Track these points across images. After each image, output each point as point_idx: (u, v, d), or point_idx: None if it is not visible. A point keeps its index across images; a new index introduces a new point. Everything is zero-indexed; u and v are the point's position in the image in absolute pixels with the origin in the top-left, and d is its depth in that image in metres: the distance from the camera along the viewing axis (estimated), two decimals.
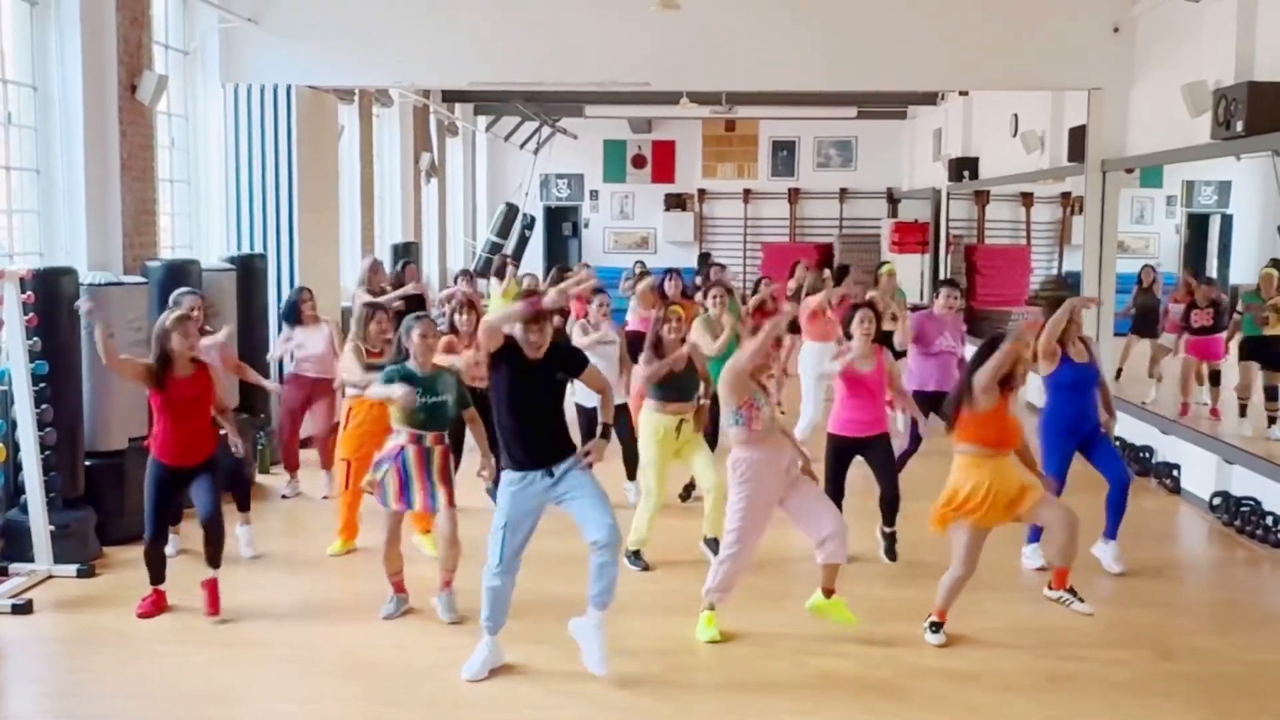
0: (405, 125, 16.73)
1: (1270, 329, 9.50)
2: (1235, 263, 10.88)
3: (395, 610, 6.39)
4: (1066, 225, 16.06)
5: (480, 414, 6.51)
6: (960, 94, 17.30)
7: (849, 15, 10.62)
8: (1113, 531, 7.24)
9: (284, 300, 9.46)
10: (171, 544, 7.05)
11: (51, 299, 7.25)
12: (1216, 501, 8.55)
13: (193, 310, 7.35)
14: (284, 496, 9.04)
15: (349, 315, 9.14)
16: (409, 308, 9.98)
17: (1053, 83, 11.76)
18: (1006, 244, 17.74)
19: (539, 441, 5.46)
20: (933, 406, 8.50)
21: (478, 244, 20.53)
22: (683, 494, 8.67)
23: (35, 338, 7.11)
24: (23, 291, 7.01)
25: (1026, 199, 17.17)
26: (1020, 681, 5.59)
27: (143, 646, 5.98)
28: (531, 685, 5.52)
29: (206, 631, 6.16)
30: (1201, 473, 8.91)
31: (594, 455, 5.51)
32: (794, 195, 23.05)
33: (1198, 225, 11.96)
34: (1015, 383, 5.98)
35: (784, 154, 23.22)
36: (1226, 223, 11.46)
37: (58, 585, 6.86)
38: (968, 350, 8.04)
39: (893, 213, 22.12)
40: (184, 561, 7.17)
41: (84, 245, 8.33)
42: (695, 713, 5.30)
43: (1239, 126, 8.09)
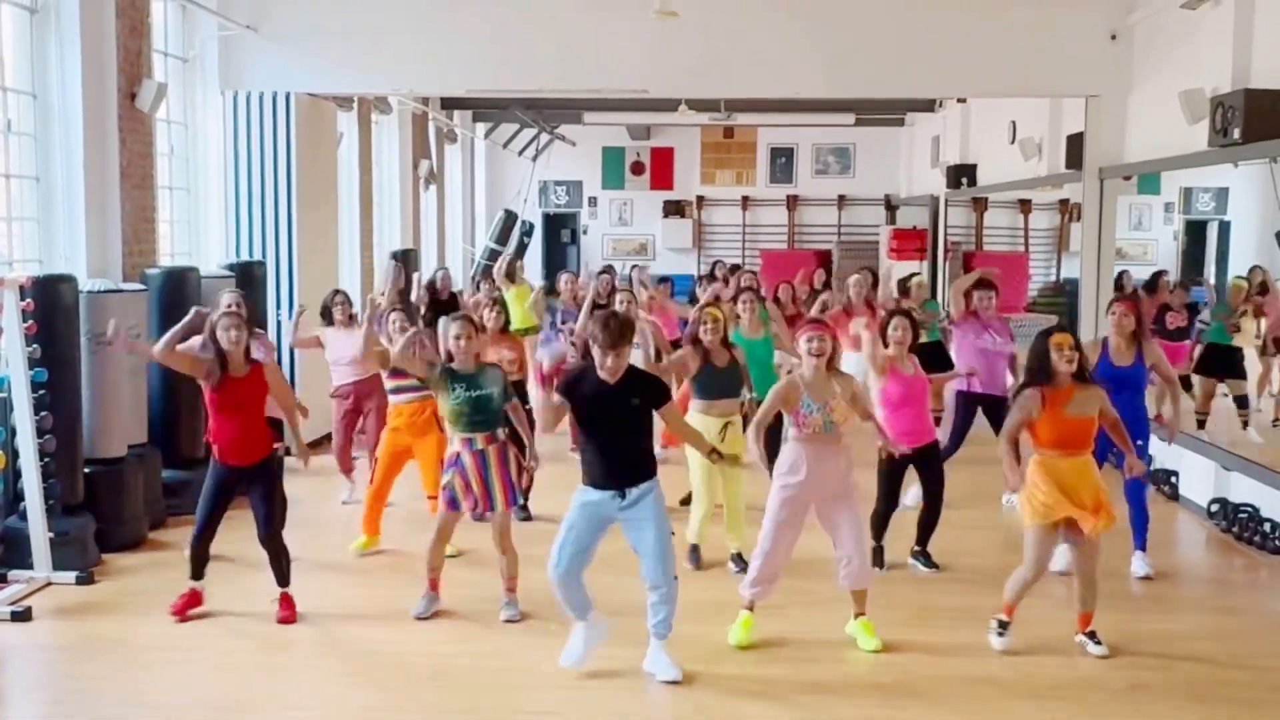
0: (404, 132, 16.74)
1: (1236, 338, 9.49)
2: (1233, 269, 10.86)
3: (426, 609, 6.40)
4: (1064, 232, 16.10)
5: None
6: (958, 101, 17.32)
7: (847, 22, 10.63)
8: (1141, 543, 7.27)
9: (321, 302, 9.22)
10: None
11: (51, 306, 7.28)
12: (1214, 508, 8.56)
13: (230, 306, 7.30)
14: (345, 503, 8.86)
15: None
16: (442, 310, 9.77)
17: (1050, 90, 11.79)
18: (1005, 250, 17.76)
19: (610, 463, 5.41)
20: (979, 407, 8.53)
21: (476, 251, 20.56)
22: (684, 499, 8.21)
23: (34, 345, 7.12)
24: (22, 299, 7.02)
25: (1024, 206, 17.21)
26: (1018, 687, 5.59)
27: (142, 654, 5.99)
28: (535, 689, 5.53)
29: (206, 639, 6.16)
30: (1199, 479, 8.92)
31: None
32: (792, 202, 23.08)
33: (1195, 232, 11.96)
34: (1059, 381, 5.78)
35: (782, 161, 23.25)
36: (1224, 229, 11.46)
37: (57, 592, 6.87)
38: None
39: (891, 219, 22.14)
40: (183, 567, 7.17)
41: (83, 252, 8.33)
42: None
43: (1236, 133, 8.11)
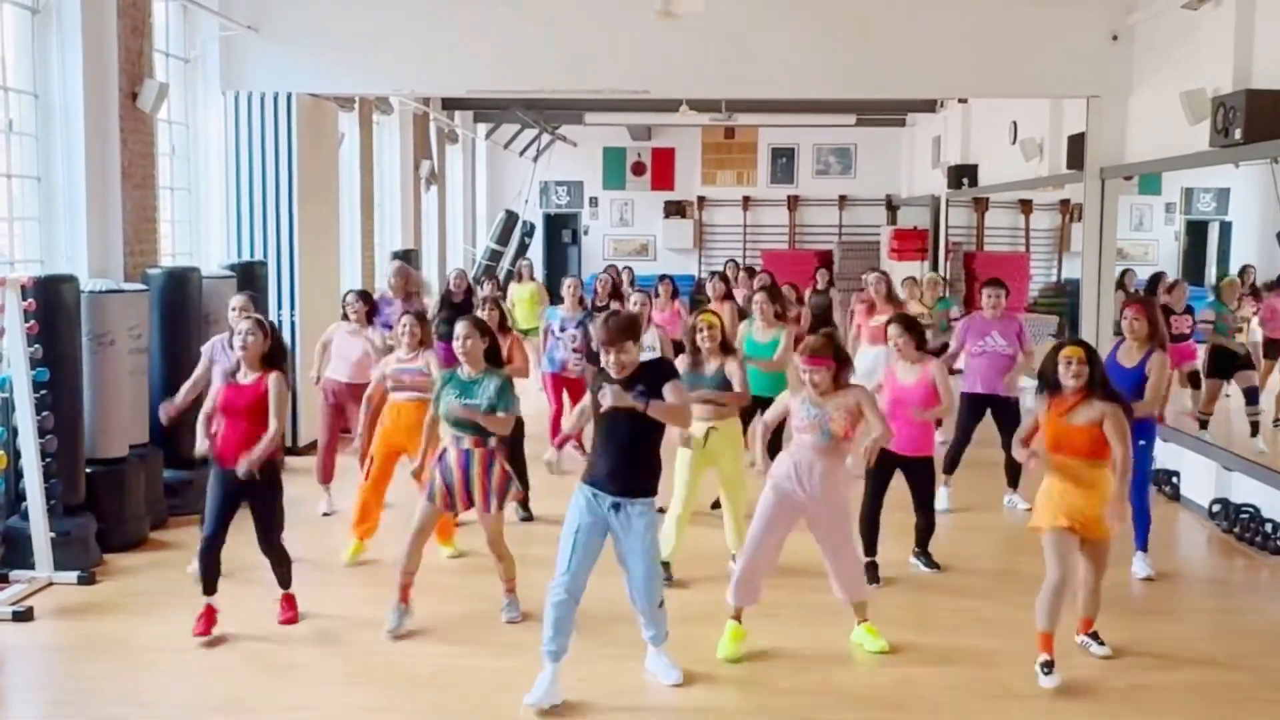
0: (405, 133, 16.76)
1: (1240, 338, 9.47)
2: (1234, 269, 10.86)
3: (398, 623, 6.20)
4: (1065, 232, 16.09)
5: None
6: (959, 101, 17.33)
7: (848, 23, 10.63)
8: (1143, 543, 7.28)
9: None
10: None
11: (52, 306, 7.28)
12: (1216, 508, 8.56)
13: (236, 309, 7.33)
14: (325, 514, 8.59)
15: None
16: (459, 311, 9.64)
17: (1052, 90, 11.78)
18: (1006, 251, 17.76)
19: (613, 466, 5.33)
20: (982, 408, 8.52)
21: (478, 251, 20.58)
22: (715, 504, 8.00)
23: (36, 345, 7.12)
24: (24, 299, 7.03)
25: (1025, 206, 17.21)
26: (1020, 689, 5.59)
27: (143, 654, 5.99)
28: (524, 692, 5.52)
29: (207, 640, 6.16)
30: (1200, 480, 8.92)
31: (607, 395, 5.19)
32: (793, 202, 23.09)
33: (1197, 232, 11.97)
34: (1064, 393, 5.67)
35: (783, 161, 23.27)
36: (1225, 230, 11.46)
37: (58, 592, 6.87)
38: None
39: (892, 220, 22.16)
40: (185, 567, 7.18)
41: (85, 252, 8.33)
42: None
43: (1237, 134, 8.11)
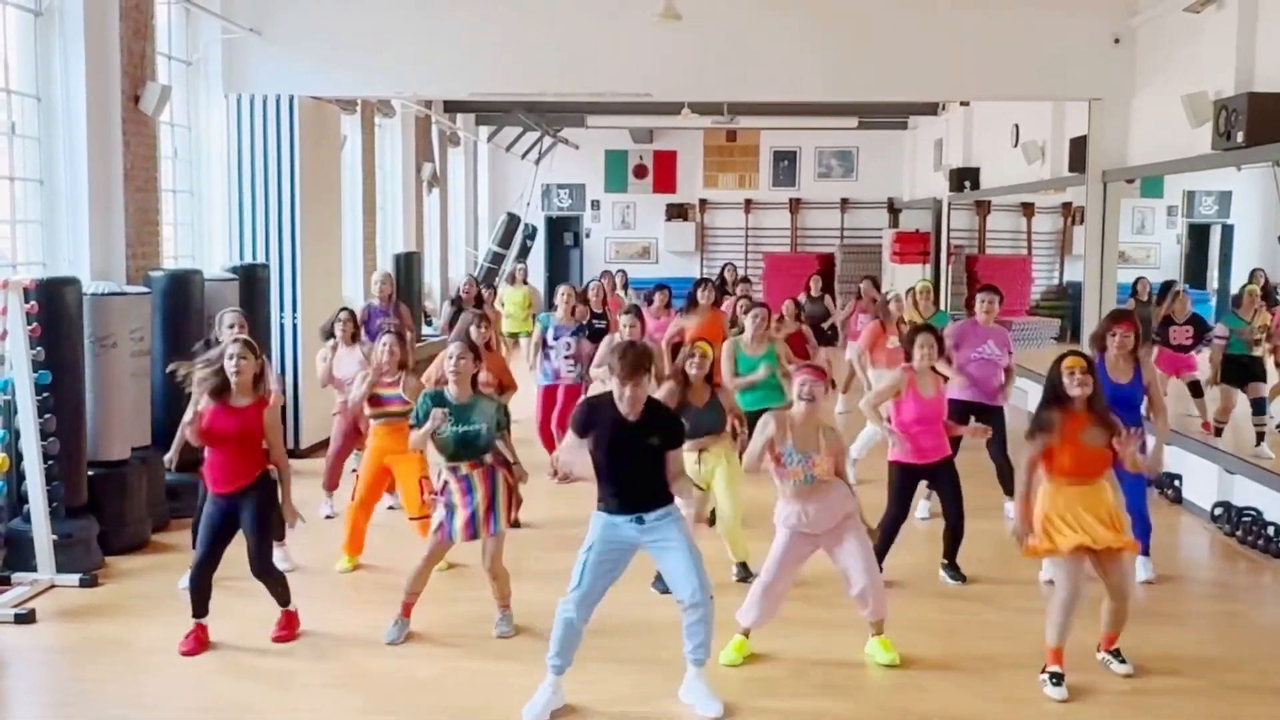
0: (407, 135, 16.77)
1: (1256, 349, 9.43)
2: (1236, 273, 10.86)
3: (398, 636, 6.19)
4: (1067, 235, 16.06)
5: None
6: (961, 104, 17.34)
7: (850, 26, 10.64)
8: (1144, 548, 7.20)
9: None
10: (282, 558, 6.89)
11: (55, 309, 7.29)
12: (1218, 512, 8.55)
13: (233, 327, 7.24)
14: (328, 517, 8.64)
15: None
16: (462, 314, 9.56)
17: (1053, 93, 11.79)
18: (1007, 254, 17.76)
19: (627, 494, 5.25)
20: (970, 415, 8.48)
21: (479, 254, 20.59)
22: (711, 519, 7.96)
23: (38, 348, 7.13)
24: (26, 301, 7.04)
25: (1027, 209, 17.19)
26: (1023, 693, 5.58)
27: (145, 657, 5.99)
28: (533, 695, 5.52)
29: (210, 642, 6.16)
30: (1203, 483, 8.91)
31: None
32: (795, 205, 23.09)
33: (1198, 235, 11.96)
34: (1075, 406, 5.58)
35: (785, 164, 23.27)
36: (1227, 233, 11.46)
37: (60, 595, 6.87)
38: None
39: (894, 223, 22.17)
40: (186, 570, 7.18)
41: (87, 255, 8.35)
42: None
43: (1239, 137, 8.12)
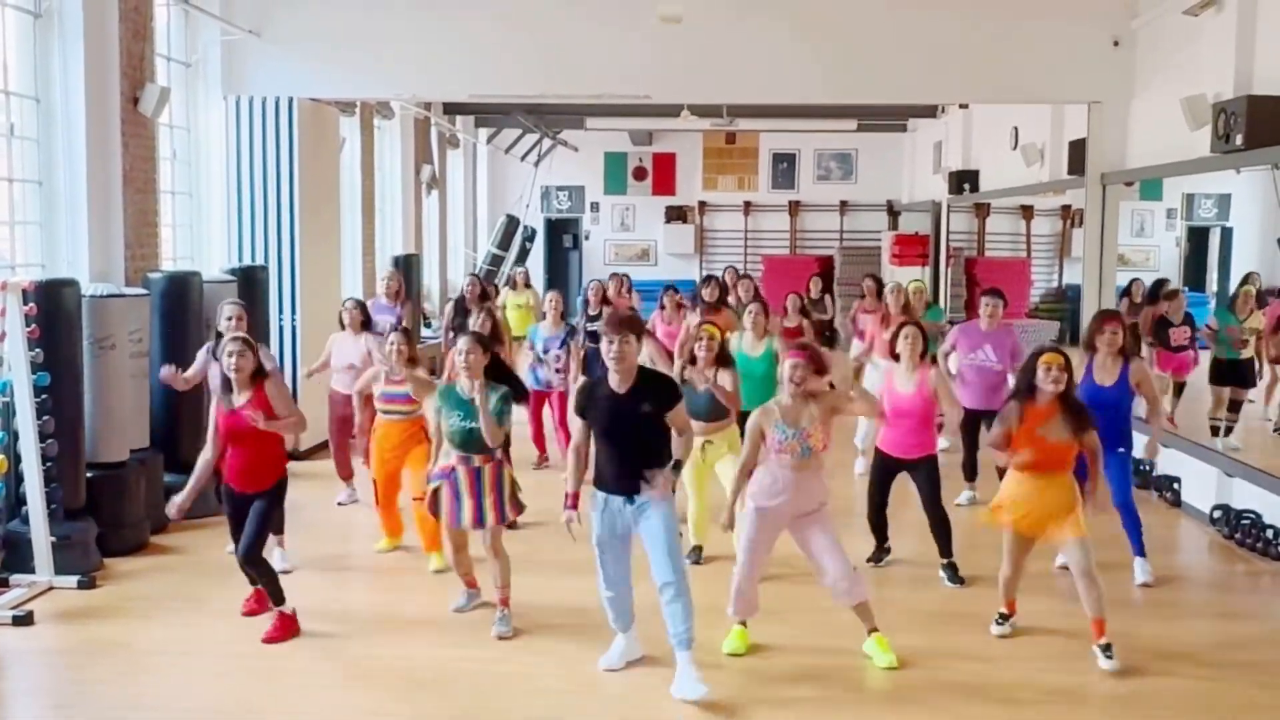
0: (406, 137, 16.76)
1: (1245, 352, 9.44)
2: (1235, 275, 10.87)
3: (466, 604, 6.58)
4: (1067, 238, 16.08)
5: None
6: (960, 107, 17.34)
7: (849, 28, 10.65)
8: (1139, 548, 7.25)
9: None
10: (280, 558, 7.07)
11: (54, 311, 7.28)
12: (1217, 514, 8.55)
13: (231, 319, 7.34)
14: (340, 504, 9.01)
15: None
16: (466, 314, 9.85)
17: (1053, 96, 11.78)
18: (1007, 256, 17.77)
19: (621, 469, 5.45)
20: (977, 421, 8.47)
21: (478, 256, 20.58)
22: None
23: (37, 349, 7.12)
24: (25, 303, 7.03)
25: (1027, 212, 17.21)
26: (1022, 694, 5.59)
27: (144, 658, 5.98)
28: (535, 694, 5.52)
29: (209, 643, 6.16)
30: (1202, 486, 8.91)
31: (652, 483, 5.36)
32: (794, 208, 23.09)
33: (1198, 238, 11.98)
34: (1040, 399, 5.84)
35: (784, 166, 23.27)
36: (1226, 235, 11.47)
37: (58, 597, 6.86)
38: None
39: (893, 225, 22.16)
40: (185, 572, 7.19)
41: (86, 257, 8.34)
42: None
43: (1238, 140, 8.11)
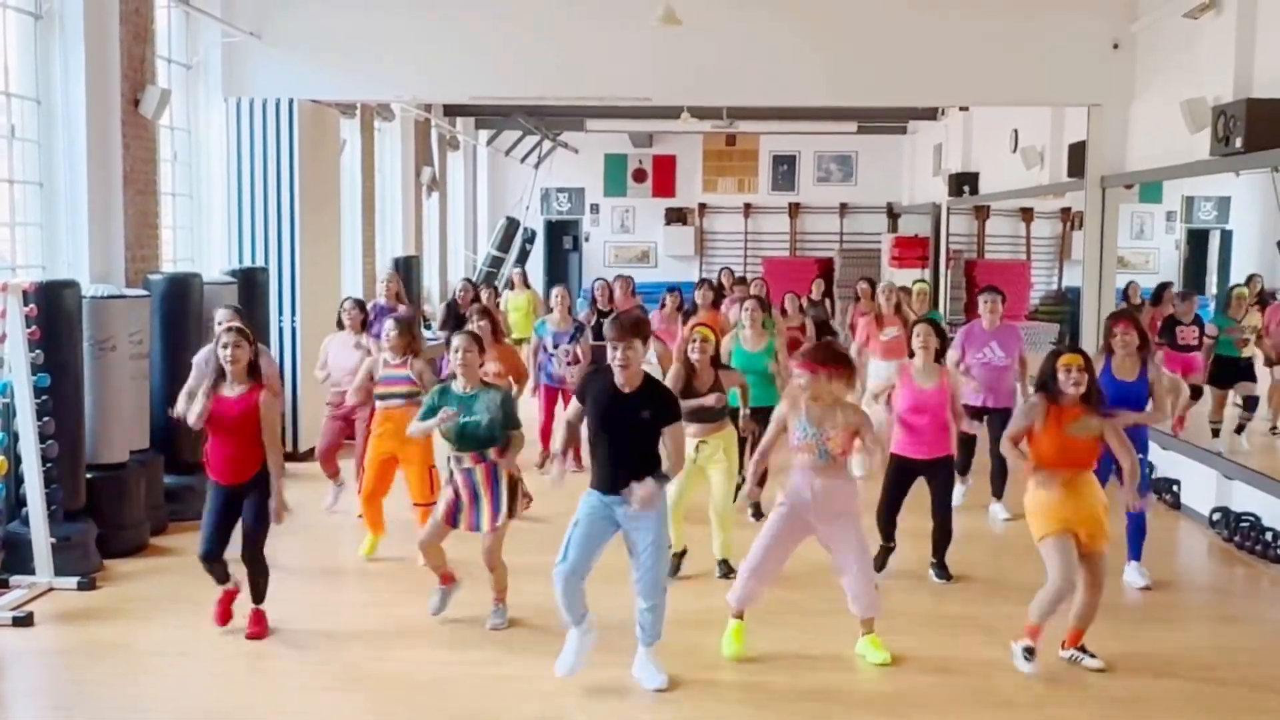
0: (406, 139, 16.78)
1: (1246, 351, 9.46)
2: (1235, 278, 10.86)
3: (439, 604, 6.42)
4: (1066, 240, 16.08)
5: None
6: (960, 109, 17.35)
7: (850, 31, 10.66)
8: (1136, 554, 7.23)
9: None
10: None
11: (54, 312, 7.28)
12: (1216, 517, 8.55)
13: (230, 321, 7.26)
14: (329, 510, 8.69)
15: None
16: (463, 320, 9.74)
17: (1053, 98, 11.80)
18: (1007, 259, 17.77)
19: (617, 468, 5.43)
20: (979, 418, 8.43)
21: (478, 258, 20.59)
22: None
23: (37, 350, 7.12)
24: (25, 304, 7.04)
25: (1026, 214, 17.21)
26: (1019, 697, 5.59)
27: (144, 660, 5.98)
28: (528, 698, 5.51)
29: (208, 645, 6.15)
30: (1201, 488, 8.92)
31: (636, 496, 5.32)
32: (794, 210, 23.09)
33: (1197, 241, 11.97)
34: (1065, 401, 5.69)
35: (784, 168, 23.28)
36: (1226, 238, 11.46)
37: (58, 598, 6.86)
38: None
39: (893, 227, 22.16)
40: (185, 573, 7.19)
41: (86, 258, 8.34)
42: None
43: (1238, 143, 8.12)
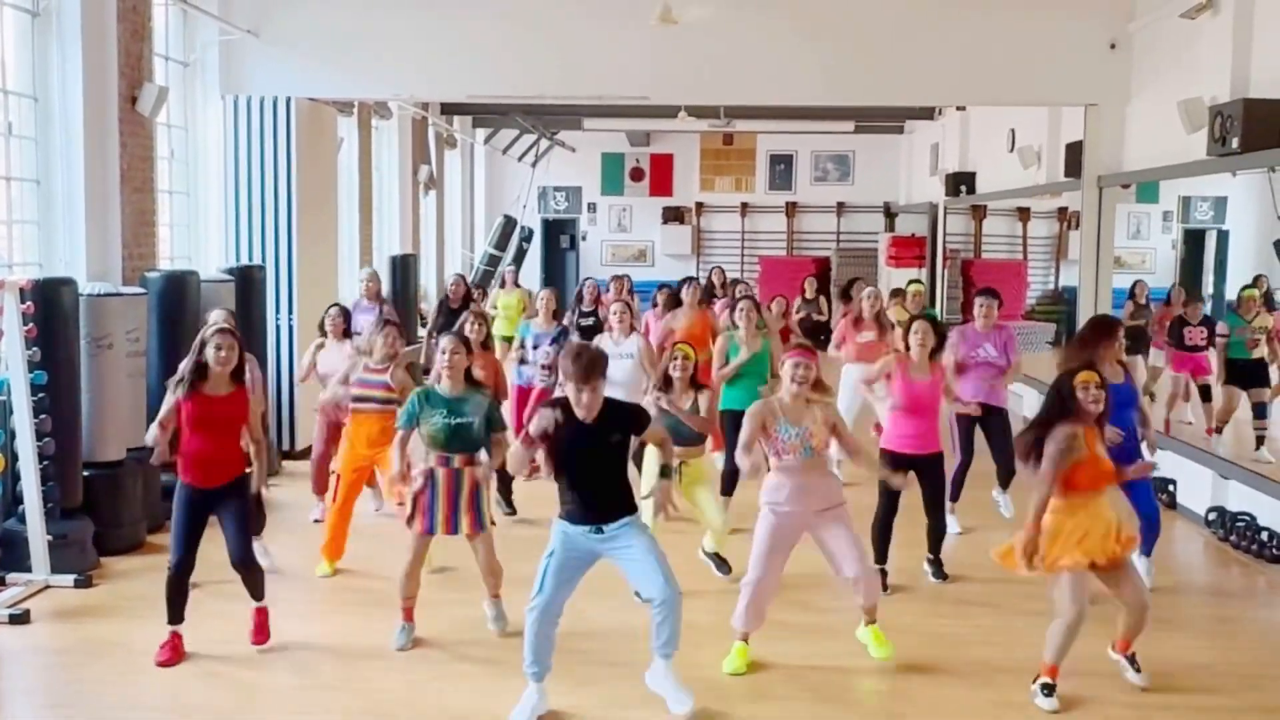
0: (404, 137, 16.77)
1: (1256, 351, 9.48)
2: (1231, 278, 10.89)
3: (405, 641, 6.17)
4: (1063, 240, 16.12)
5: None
6: (958, 109, 17.36)
7: (847, 30, 10.67)
8: (1147, 550, 7.16)
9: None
10: (262, 552, 6.71)
11: (51, 309, 7.28)
12: (1212, 517, 8.57)
13: (224, 323, 7.22)
14: (316, 521, 8.52)
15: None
16: (455, 317, 9.60)
17: (1050, 98, 11.82)
18: (1003, 259, 17.79)
19: (587, 501, 5.27)
20: (974, 420, 8.42)
21: (475, 256, 20.59)
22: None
23: (34, 348, 7.12)
24: (22, 302, 7.03)
25: (1023, 214, 17.23)
26: (1017, 697, 5.59)
27: (141, 658, 5.96)
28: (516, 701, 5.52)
29: (203, 643, 6.12)
30: (1197, 488, 8.93)
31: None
32: (791, 209, 23.11)
33: (1194, 241, 12.01)
34: (1088, 422, 5.44)
35: (781, 168, 23.29)
36: (1223, 238, 11.50)
37: (55, 595, 6.86)
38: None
39: (890, 227, 22.19)
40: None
41: (83, 256, 8.34)
42: None
43: (1235, 143, 8.14)
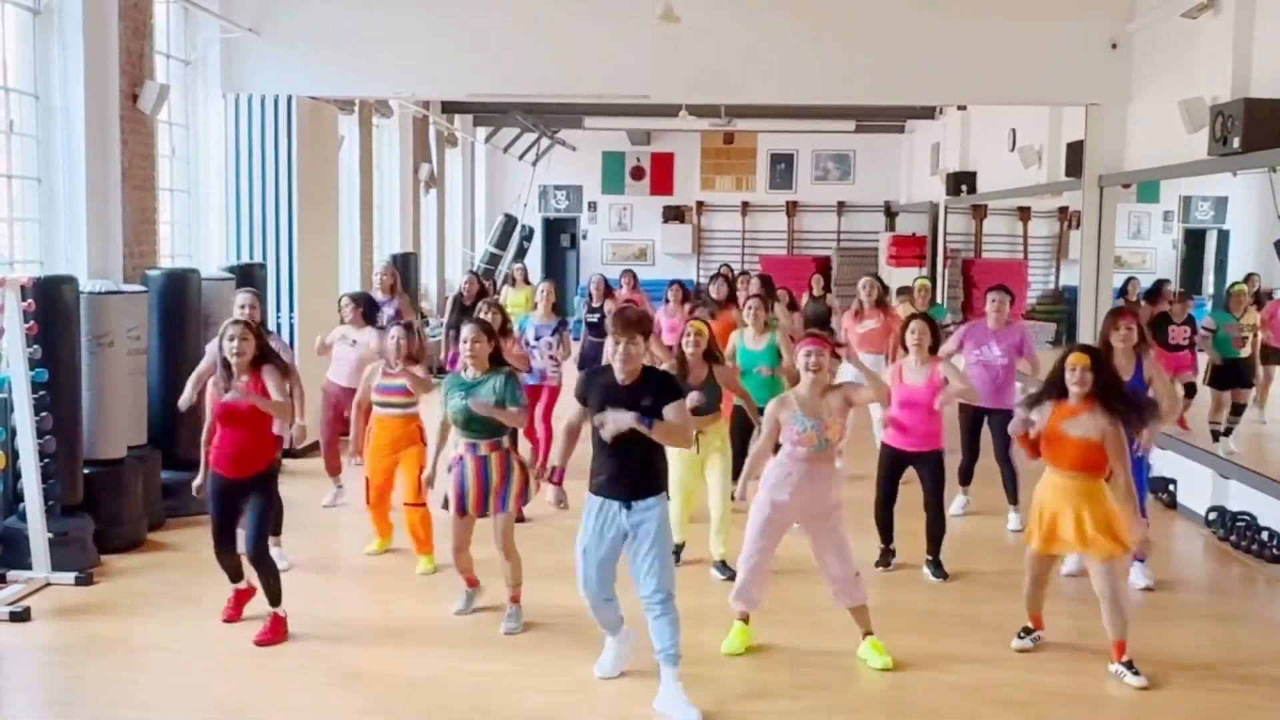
0: (405, 136, 16.78)
1: (1244, 350, 9.45)
2: (1232, 278, 10.88)
3: (465, 605, 6.52)
4: (1064, 240, 16.12)
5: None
6: (958, 108, 17.36)
7: (848, 29, 10.66)
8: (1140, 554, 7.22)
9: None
10: (279, 556, 6.73)
11: (52, 307, 7.29)
12: (1212, 516, 8.57)
13: (244, 307, 7.30)
14: (326, 506, 8.75)
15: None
16: (467, 313, 9.72)
17: (1051, 98, 11.81)
18: (1004, 258, 17.79)
19: (619, 472, 5.22)
20: (979, 420, 8.43)
21: (476, 255, 20.59)
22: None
23: (35, 346, 7.12)
24: (23, 299, 7.04)
25: (1024, 213, 17.24)
26: (1015, 695, 5.60)
27: (141, 656, 5.99)
28: (531, 693, 5.52)
29: (205, 640, 6.16)
30: (1197, 488, 8.93)
31: (610, 418, 5.10)
32: (792, 208, 23.10)
33: (1195, 240, 11.99)
34: (1070, 399, 5.65)
35: (782, 167, 23.28)
36: (1223, 238, 11.49)
37: (56, 593, 6.87)
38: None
39: (890, 226, 22.18)
40: (182, 569, 7.19)
41: (84, 253, 8.34)
42: None
43: (1236, 142, 8.13)
